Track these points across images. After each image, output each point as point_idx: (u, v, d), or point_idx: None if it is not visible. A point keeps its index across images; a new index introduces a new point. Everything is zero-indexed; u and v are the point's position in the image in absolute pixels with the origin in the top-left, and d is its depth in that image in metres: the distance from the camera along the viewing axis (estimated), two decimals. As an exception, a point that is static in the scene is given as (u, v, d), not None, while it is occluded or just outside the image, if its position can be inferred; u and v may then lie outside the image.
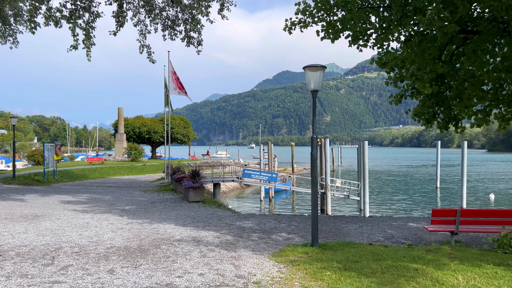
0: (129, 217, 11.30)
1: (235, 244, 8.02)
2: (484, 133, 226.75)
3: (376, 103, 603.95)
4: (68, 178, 28.89)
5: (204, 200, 15.37)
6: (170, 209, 13.15)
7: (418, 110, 11.67)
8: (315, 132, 7.54)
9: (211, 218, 11.37)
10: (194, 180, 15.44)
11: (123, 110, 57.12)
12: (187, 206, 14.11)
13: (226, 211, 12.87)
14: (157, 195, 17.82)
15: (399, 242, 8.58)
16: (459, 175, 51.26)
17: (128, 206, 13.73)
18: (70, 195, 16.98)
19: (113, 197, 16.62)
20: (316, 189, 7.45)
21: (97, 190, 20.07)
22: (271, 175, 26.56)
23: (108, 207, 13.50)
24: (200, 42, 14.66)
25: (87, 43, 12.39)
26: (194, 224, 10.29)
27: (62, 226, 9.64)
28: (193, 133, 65.51)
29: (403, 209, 26.24)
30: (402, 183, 43.13)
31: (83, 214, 11.58)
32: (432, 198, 31.30)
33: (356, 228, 10.06)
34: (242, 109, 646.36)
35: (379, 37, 11.07)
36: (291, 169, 54.12)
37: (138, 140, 59.01)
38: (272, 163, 35.03)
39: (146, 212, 12.45)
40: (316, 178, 7.46)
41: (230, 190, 35.89)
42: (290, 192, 34.25)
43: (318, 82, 7.52)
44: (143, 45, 14.05)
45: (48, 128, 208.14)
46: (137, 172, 38.21)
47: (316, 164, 7.53)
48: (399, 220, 11.37)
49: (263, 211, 25.89)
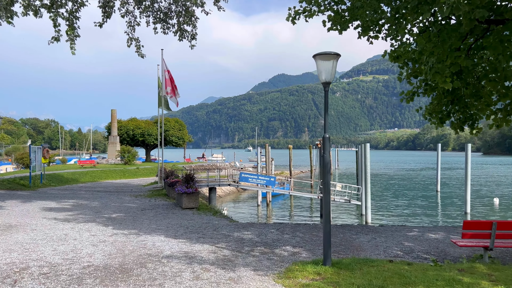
0: (115, 227, 10.14)
1: (234, 261, 6.90)
2: (480, 136, 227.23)
3: (371, 106, 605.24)
4: (57, 182, 27.62)
5: (199, 207, 14.23)
6: (161, 217, 12.00)
7: (432, 109, 10.61)
8: (327, 130, 6.47)
9: (206, 228, 10.24)
10: (188, 185, 14.31)
11: (117, 112, 55.81)
12: (180, 213, 12.97)
13: (222, 219, 11.74)
14: (148, 201, 16.65)
15: (420, 257, 7.50)
16: (457, 179, 50.50)
17: (115, 214, 12.56)
18: (54, 201, 15.77)
19: (100, 203, 15.44)
20: (329, 198, 6.37)
21: (84, 195, 18.86)
22: (269, 179, 25.45)
23: (93, 215, 12.33)
24: (194, 36, 13.57)
25: (71, 34, 11.25)
26: (187, 236, 9.16)
27: (35, 239, 8.46)
28: (188, 135, 64.26)
29: (406, 215, 25.21)
30: (401, 186, 42.18)
31: (63, 224, 10.40)
32: (434, 203, 30.32)
33: (368, 240, 8.97)
34: (238, 112, 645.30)
35: (391, 28, 10.06)
36: (288, 172, 53.09)
37: (132, 143, 57.68)
38: (270, 166, 33.93)
39: (135, 220, 11.30)
40: (328, 185, 6.39)
41: (226, 194, 34.74)
42: (287, 196, 33.16)
43: (330, 72, 6.45)
44: (131, 38, 12.92)
45: (42, 131, 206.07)
46: (129, 176, 36.96)
47: (328, 169, 6.45)
48: (414, 230, 10.30)
49: (261, 216, 24.75)
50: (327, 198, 6.38)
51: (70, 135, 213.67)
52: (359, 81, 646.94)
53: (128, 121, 59.49)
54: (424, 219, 23.38)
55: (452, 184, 44.18)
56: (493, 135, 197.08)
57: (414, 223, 21.75)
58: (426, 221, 22.67)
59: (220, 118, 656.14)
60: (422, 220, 23.04)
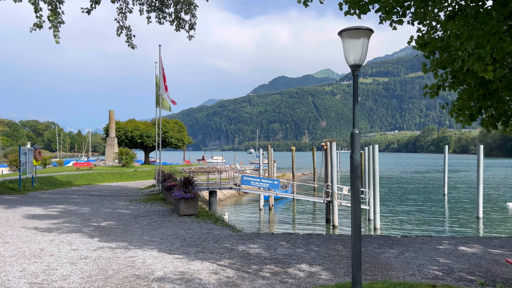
0: (102, 238, 8.86)
1: (240, 286, 5.62)
2: (481, 138, 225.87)
3: (371, 109, 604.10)
4: (50, 185, 26.33)
5: (198, 213, 12.94)
6: (156, 226, 10.71)
7: (461, 104, 9.31)
8: (356, 125, 5.21)
9: (206, 239, 8.96)
10: (186, 189, 13.02)
11: (118, 114, 54.59)
12: (177, 221, 11.68)
13: (224, 229, 10.45)
14: (143, 206, 15.36)
15: (465, 279, 6.22)
16: (463, 181, 49.17)
17: (105, 222, 11.28)
18: (41, 207, 14.49)
19: (91, 209, 14.15)
20: (359, 210, 5.11)
21: (76, 200, 17.57)
22: (273, 182, 24.17)
23: (80, 223, 11.05)
24: (192, 26, 12.33)
25: (54, 21, 10.00)
26: (184, 250, 7.88)
27: (3, 255, 7.17)
28: (188, 137, 62.96)
29: (416, 220, 23.94)
30: (406, 189, 40.89)
31: (43, 235, 9.12)
32: (443, 207, 29.04)
33: (396, 255, 7.68)
34: (238, 114, 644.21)
35: (419, 11, 8.80)
36: (289, 175, 51.77)
37: (131, 145, 56.38)
38: (272, 168, 32.66)
39: (126, 230, 10.01)
40: (358, 192, 5.13)
41: (227, 197, 33.47)
42: (290, 199, 31.88)
43: (361, 52, 5.19)
44: (121, 26, 11.67)
45: (42, 133, 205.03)
46: (127, 179, 35.67)
47: (358, 172, 5.18)
48: (443, 242, 9.01)
49: (264, 221, 23.45)
50: (357, 211, 5.11)
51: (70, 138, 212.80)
52: (359, 83, 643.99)
53: (126, 123, 58.19)
54: (437, 225, 22.07)
55: (459, 187, 42.88)
56: (494, 137, 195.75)
57: (432, 231, 20.44)
58: (439, 228, 21.37)
59: (220, 120, 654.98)
60: (434, 227, 21.73)
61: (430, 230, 20.61)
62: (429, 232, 20.42)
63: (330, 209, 23.56)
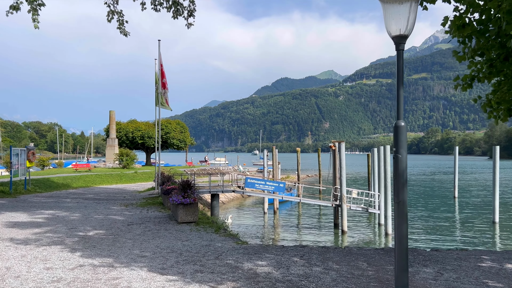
0: (85, 252, 7.62)
1: (247, 324, 4.36)
2: (485, 139, 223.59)
3: (375, 110, 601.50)
4: (45, 188, 25.17)
5: (198, 221, 11.68)
6: (150, 236, 9.47)
7: (499, 97, 7.98)
8: (402, 115, 3.96)
9: (206, 253, 7.69)
10: (185, 193, 11.77)
11: (120, 116, 53.62)
12: (174, 230, 10.43)
13: (227, 240, 9.19)
14: (139, 212, 14.12)
15: (530, 312, 4.93)
16: (473, 184, 47.69)
17: (93, 231, 10.05)
18: (27, 213, 13.28)
19: (81, 216, 12.93)
20: (406, 230, 3.85)
21: (68, 204, 16.36)
22: (278, 185, 22.90)
23: (65, 232, 9.82)
24: (191, 13, 11.11)
25: (33, 2, 8.79)
26: (179, 268, 6.62)
27: (-42, 278, 5.94)
28: (190, 138, 61.77)
29: (427, 224, 22.62)
30: (414, 191, 39.49)
31: (16, 249, 7.88)
32: (455, 211, 27.66)
33: (433, 275, 6.39)
34: (241, 115, 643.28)
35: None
36: (293, 177, 50.45)
37: (132, 146, 55.28)
38: (277, 170, 31.38)
39: (115, 241, 8.77)
40: (404, 208, 3.86)
41: (230, 200, 32.21)
42: (295, 202, 30.59)
43: (407, 19, 3.93)
44: (112, 11, 10.46)
45: (45, 135, 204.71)
46: (126, 181, 34.50)
47: (404, 178, 3.92)
48: (483, 258, 7.70)
49: (268, 226, 22.16)
50: (403, 229, 3.83)
51: (73, 139, 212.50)
52: (362, 84, 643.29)
53: (127, 123, 57.11)
54: (452, 231, 20.70)
55: (469, 190, 41.46)
56: (500, 138, 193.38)
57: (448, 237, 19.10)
58: (455, 234, 20.00)
59: (223, 121, 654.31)
60: (449, 232, 20.37)
61: (446, 236, 19.27)
62: (444, 237, 19.10)
63: (339, 213, 22.27)
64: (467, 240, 18.69)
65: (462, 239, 18.94)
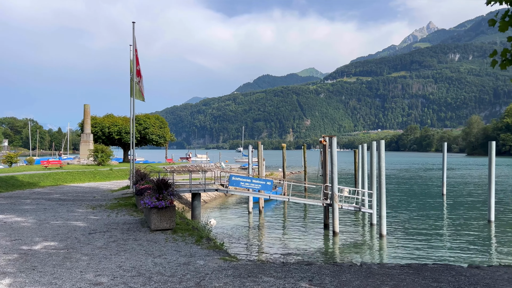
0: (16, 279, 5.63)
1: None
2: (463, 136, 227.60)
3: (355, 108, 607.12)
4: (6, 187, 22.73)
5: (175, 228, 9.76)
6: (113, 250, 7.51)
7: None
8: None
9: (184, 277, 5.81)
10: (160, 195, 9.81)
11: (96, 110, 50.68)
12: (145, 240, 8.50)
13: (211, 254, 7.31)
14: (107, 216, 12.07)
15: None
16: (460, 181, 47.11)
17: (43, 243, 8.02)
18: (-30, 218, 11.07)
19: (36, 221, 10.82)
20: None
21: (26, 207, 14.15)
22: (265, 183, 21.12)
23: (3, 246, 7.75)
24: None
25: None
26: (146, 303, 4.72)
27: None
28: (170, 134, 59.25)
29: (422, 223, 21.30)
30: (401, 189, 38.44)
31: None
32: (446, 209, 26.52)
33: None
34: (223, 112, 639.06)
35: None
36: (277, 174, 48.84)
37: (108, 142, 52.45)
38: (262, 167, 29.61)
39: (65, 259, 6.78)
40: None
41: (212, 199, 30.28)
42: (280, 200, 28.92)
43: None
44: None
45: (20, 131, 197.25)
46: (101, 178, 32.10)
47: None
48: None
49: (254, 227, 20.35)
50: None
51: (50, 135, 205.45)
52: (343, 82, 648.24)
53: (103, 118, 54.17)
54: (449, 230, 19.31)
55: (453, 186, 40.74)
56: (477, 136, 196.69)
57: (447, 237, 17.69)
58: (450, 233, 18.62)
59: (205, 118, 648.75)
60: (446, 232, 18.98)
61: (443, 236, 17.89)
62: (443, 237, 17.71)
63: (329, 213, 20.68)
64: (463, 237, 17.32)
65: (455, 234, 17.57)
